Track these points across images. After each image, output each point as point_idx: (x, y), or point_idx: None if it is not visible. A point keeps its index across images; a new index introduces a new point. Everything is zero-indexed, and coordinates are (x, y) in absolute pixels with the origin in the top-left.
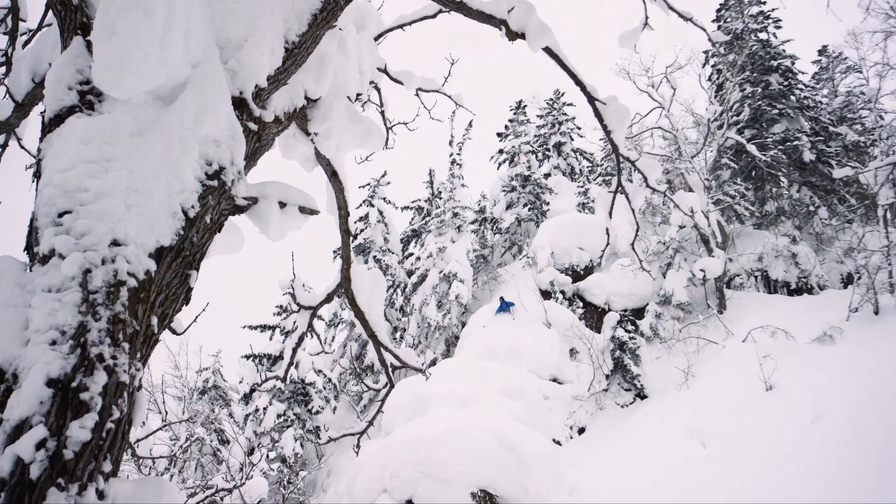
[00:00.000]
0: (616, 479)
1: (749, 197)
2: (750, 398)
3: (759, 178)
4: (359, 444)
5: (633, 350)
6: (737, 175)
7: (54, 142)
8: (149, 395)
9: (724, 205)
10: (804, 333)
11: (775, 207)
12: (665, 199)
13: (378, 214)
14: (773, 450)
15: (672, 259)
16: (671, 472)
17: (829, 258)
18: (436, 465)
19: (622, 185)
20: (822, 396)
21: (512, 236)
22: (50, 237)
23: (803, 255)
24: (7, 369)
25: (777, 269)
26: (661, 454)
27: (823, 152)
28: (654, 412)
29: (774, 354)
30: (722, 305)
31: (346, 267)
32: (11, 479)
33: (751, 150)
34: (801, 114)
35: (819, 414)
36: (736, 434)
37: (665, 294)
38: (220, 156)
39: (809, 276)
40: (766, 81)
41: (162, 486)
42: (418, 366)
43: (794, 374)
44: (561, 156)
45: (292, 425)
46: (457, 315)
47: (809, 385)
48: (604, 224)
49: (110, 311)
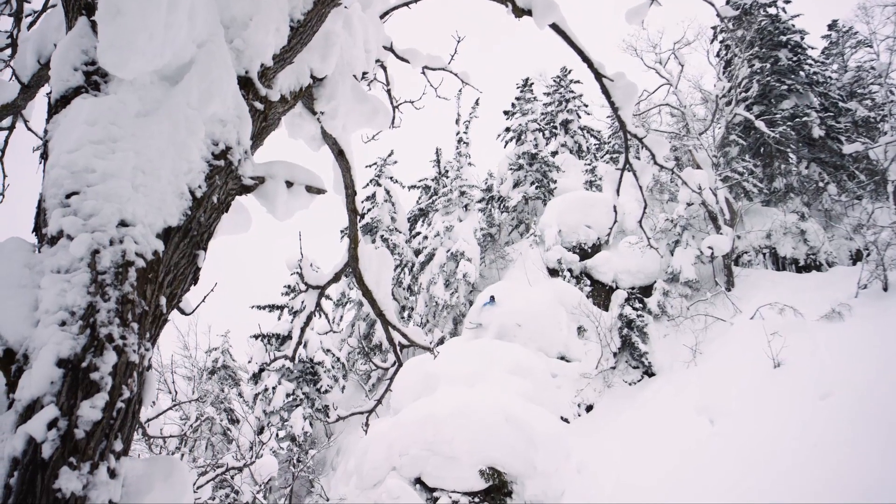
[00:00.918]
0: (624, 456)
1: (757, 174)
2: (758, 375)
3: (767, 154)
4: (367, 422)
5: (640, 328)
6: (745, 152)
7: (60, 123)
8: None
9: (732, 182)
10: (812, 310)
11: (784, 184)
12: (673, 176)
13: (385, 194)
14: (780, 426)
15: (680, 236)
16: (679, 449)
17: (837, 235)
18: (444, 444)
19: (630, 162)
20: (831, 373)
21: (519, 214)
22: (58, 218)
23: (812, 231)
24: (18, 350)
25: (785, 246)
26: (668, 431)
27: (833, 128)
28: (661, 389)
29: (782, 331)
30: (730, 283)
31: (353, 246)
32: (24, 458)
33: (759, 127)
34: (810, 89)
35: (827, 391)
36: (744, 411)
37: (673, 271)
38: (227, 136)
39: (818, 253)
40: (774, 57)
41: (173, 464)
42: (426, 344)
43: (802, 351)
44: (568, 133)
45: (301, 404)
46: (464, 294)
47: (817, 362)
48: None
49: (119, 291)
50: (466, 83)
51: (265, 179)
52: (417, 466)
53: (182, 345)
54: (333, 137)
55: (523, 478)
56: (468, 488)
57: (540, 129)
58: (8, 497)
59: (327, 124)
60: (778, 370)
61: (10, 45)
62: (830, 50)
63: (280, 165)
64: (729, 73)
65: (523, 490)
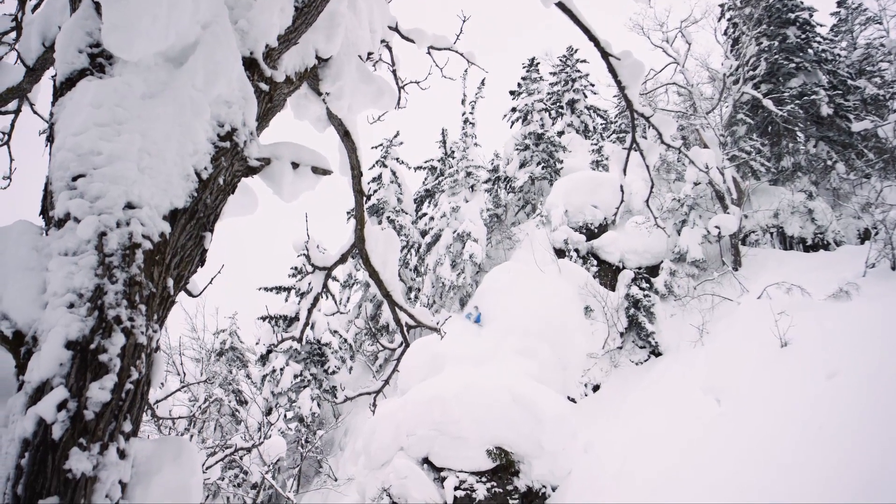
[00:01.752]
0: (630, 436)
1: (765, 152)
2: (765, 355)
3: (775, 133)
4: (375, 403)
5: (647, 307)
6: (753, 130)
7: (66, 106)
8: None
9: (739, 161)
10: (820, 290)
11: (792, 163)
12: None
13: (391, 175)
14: (787, 406)
15: (687, 216)
16: (686, 429)
17: (845, 214)
18: (451, 424)
19: (636, 141)
20: (838, 352)
21: (525, 195)
22: (65, 201)
23: (820, 210)
24: (27, 332)
25: (793, 225)
26: (675, 411)
27: (841, 106)
28: (668, 369)
29: (790, 311)
30: (737, 262)
31: (359, 227)
32: (35, 439)
33: (767, 105)
34: (818, 67)
35: (834, 370)
36: (750, 390)
37: (680, 251)
38: (232, 117)
39: (826, 232)
40: (783, 35)
41: (181, 445)
42: (433, 325)
43: (809, 330)
44: (574, 113)
45: (309, 385)
46: (471, 274)
47: (825, 341)
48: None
49: (126, 273)
50: (472, 63)
51: (271, 161)
52: (425, 446)
53: (190, 327)
54: (339, 118)
55: (530, 457)
56: (475, 468)
57: (546, 109)
58: (20, 477)
59: (333, 105)
60: (785, 350)
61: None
62: (839, 27)
63: (286, 147)
64: (736, 52)
65: (530, 469)
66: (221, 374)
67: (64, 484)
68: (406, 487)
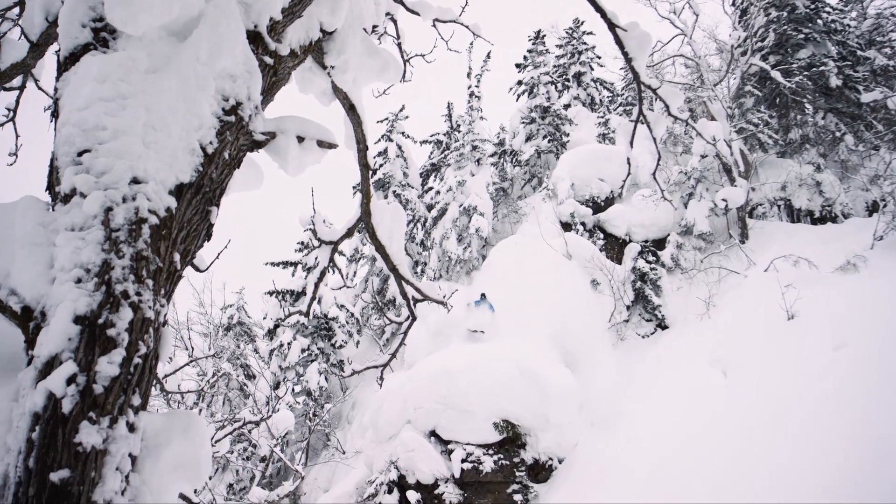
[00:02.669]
0: (637, 408)
1: (773, 125)
2: (771, 327)
3: (783, 105)
4: (382, 376)
5: (654, 281)
6: (760, 102)
7: (70, 81)
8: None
9: (747, 133)
10: (827, 262)
11: (800, 135)
12: (687, 127)
13: (397, 149)
14: (794, 378)
15: (694, 189)
16: (692, 402)
17: (854, 186)
18: (458, 397)
19: (643, 114)
20: (845, 325)
21: (532, 168)
22: (70, 176)
23: (828, 183)
24: (35, 307)
25: (801, 197)
26: (682, 383)
27: (851, 77)
28: (674, 342)
29: (797, 283)
30: (744, 235)
31: (365, 201)
32: (45, 413)
33: (775, 77)
34: (827, 38)
35: (841, 342)
36: (757, 363)
37: (686, 224)
38: (237, 91)
39: (834, 205)
40: (791, 5)
41: (190, 418)
42: (439, 298)
43: (816, 302)
44: (581, 86)
45: (316, 359)
46: (477, 248)
47: (832, 314)
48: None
49: (133, 248)
50: (478, 35)
51: (276, 135)
52: (432, 419)
53: (197, 302)
54: (344, 92)
55: (537, 430)
56: (482, 440)
57: (552, 82)
58: (31, 451)
59: (338, 79)
60: (792, 322)
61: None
62: None
63: (291, 120)
64: (745, 23)
65: (537, 442)
66: (229, 349)
67: (74, 457)
68: (413, 460)
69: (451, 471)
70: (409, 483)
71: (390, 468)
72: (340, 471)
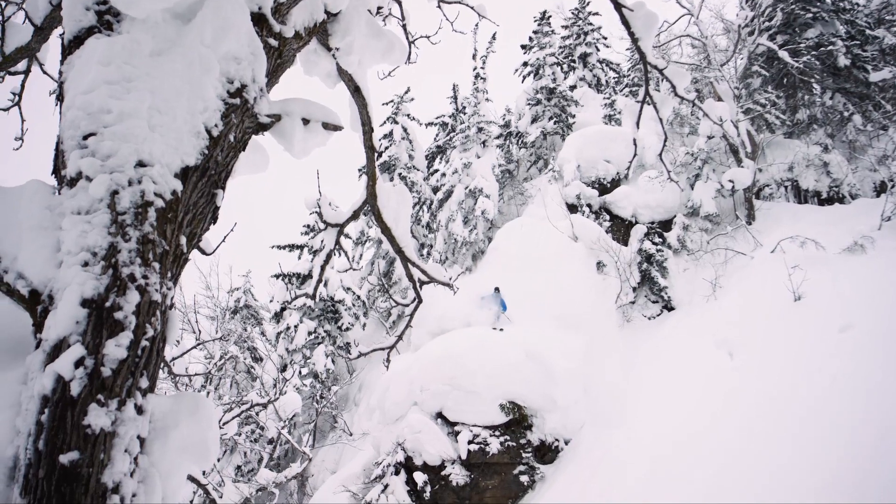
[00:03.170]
0: (642, 390)
1: (780, 105)
2: (778, 308)
3: (790, 85)
4: (388, 358)
5: (660, 262)
6: (768, 83)
7: (75, 64)
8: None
9: (754, 114)
10: (834, 243)
11: (807, 115)
12: (693, 108)
13: (402, 131)
14: (800, 359)
15: (700, 170)
16: (698, 383)
17: (861, 166)
18: (465, 378)
19: (650, 94)
20: (852, 306)
21: (537, 150)
22: (76, 160)
23: (835, 163)
24: (43, 291)
25: (808, 178)
26: (687, 365)
27: (859, 57)
28: (681, 324)
29: (803, 265)
30: (751, 216)
31: (371, 183)
32: (54, 395)
33: (783, 57)
34: (836, 17)
35: (848, 323)
36: (763, 344)
37: (693, 206)
38: (242, 73)
39: (841, 186)
40: None
41: (198, 400)
42: (445, 280)
43: (823, 284)
44: (587, 67)
45: (323, 342)
46: (483, 230)
47: (838, 295)
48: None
49: (139, 231)
50: (483, 16)
51: (281, 117)
52: (439, 401)
53: (204, 285)
54: (349, 74)
55: (543, 411)
56: (489, 422)
57: (558, 63)
58: (40, 433)
59: (343, 60)
60: (798, 303)
61: None
62: None
63: (296, 103)
64: (752, 2)
65: (543, 423)
66: (236, 332)
67: (83, 439)
68: (420, 441)
69: (457, 452)
70: (416, 464)
71: (397, 450)
72: (348, 452)
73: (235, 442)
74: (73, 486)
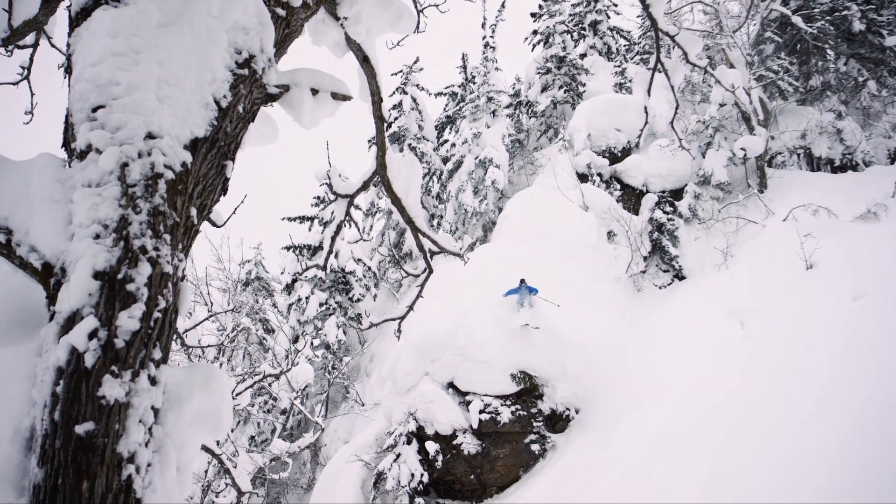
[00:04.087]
0: (653, 359)
1: (793, 72)
2: (790, 277)
3: (804, 51)
4: (400, 328)
5: (671, 231)
6: (781, 49)
7: (82, 36)
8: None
9: (766, 81)
10: (847, 211)
11: (821, 82)
12: (705, 75)
13: (412, 102)
14: (812, 327)
15: (712, 138)
16: (709, 352)
17: (875, 133)
18: (475, 348)
19: (661, 61)
20: (864, 274)
21: (548, 119)
22: (86, 132)
23: (849, 130)
24: (55, 264)
25: (821, 145)
26: (699, 334)
27: (874, 21)
28: (692, 292)
29: (816, 233)
30: (763, 184)
31: (381, 154)
32: (68, 367)
33: (796, 23)
34: None
35: (860, 291)
36: (775, 312)
37: (704, 174)
38: (250, 43)
39: (855, 153)
40: None
41: (211, 371)
42: (456, 250)
43: (835, 252)
44: (597, 35)
45: (334, 313)
46: (493, 201)
47: (851, 263)
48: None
49: (150, 203)
50: None
51: (290, 87)
52: (450, 371)
53: (216, 258)
54: (357, 43)
55: (554, 381)
56: (500, 391)
57: (568, 31)
58: (56, 404)
59: (351, 30)
60: (810, 272)
61: None
62: None
63: (305, 73)
64: None
65: (554, 393)
66: (248, 304)
67: (98, 410)
68: (432, 411)
69: (469, 422)
70: (427, 434)
71: (409, 419)
72: (360, 423)
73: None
74: (89, 456)
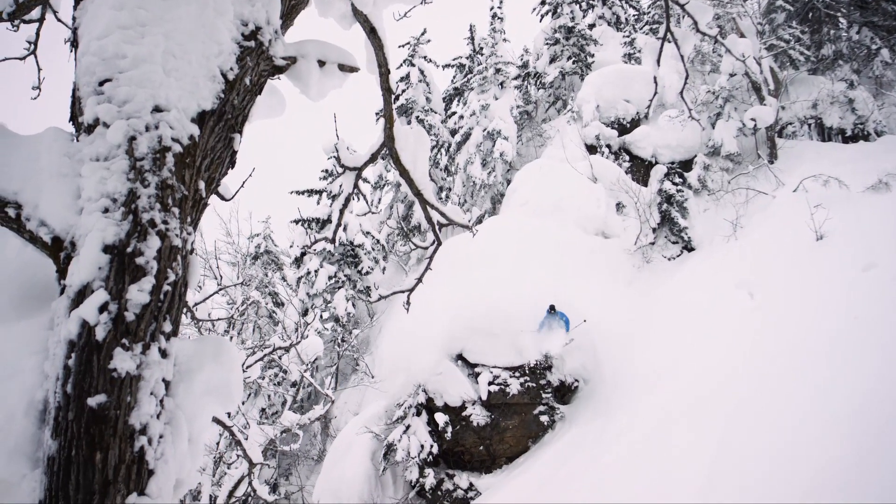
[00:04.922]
0: (662, 331)
1: (805, 41)
2: (800, 248)
3: (816, 19)
4: (409, 301)
5: (680, 203)
6: (792, 17)
7: (88, 9)
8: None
9: (777, 50)
10: (858, 181)
11: (832, 51)
12: (715, 45)
13: (419, 74)
14: (822, 298)
15: (721, 109)
16: (717, 323)
17: (888, 102)
18: (484, 320)
19: (671, 31)
20: (875, 245)
21: (556, 91)
22: (93, 106)
23: (861, 100)
24: (65, 237)
25: (832, 115)
26: (708, 305)
27: None
28: (701, 264)
29: (826, 203)
30: (773, 155)
31: (388, 126)
32: (79, 340)
33: None
34: None
35: (871, 262)
36: (785, 284)
37: (714, 145)
38: (256, 15)
39: (866, 123)
40: None
41: (221, 344)
42: (465, 222)
43: (846, 222)
44: (606, 4)
45: (343, 286)
46: (502, 173)
47: (861, 234)
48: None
49: (158, 177)
50: None
51: (297, 59)
52: (458, 343)
53: (224, 231)
54: (364, 14)
55: (563, 352)
56: (509, 363)
57: (576, 1)
58: (68, 377)
59: (357, 1)
60: (820, 242)
61: None
62: None
63: (312, 44)
64: None
65: (563, 364)
66: (257, 277)
67: (110, 382)
68: (441, 383)
69: (478, 393)
70: (437, 405)
71: (419, 391)
72: (370, 395)
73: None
74: (102, 428)
